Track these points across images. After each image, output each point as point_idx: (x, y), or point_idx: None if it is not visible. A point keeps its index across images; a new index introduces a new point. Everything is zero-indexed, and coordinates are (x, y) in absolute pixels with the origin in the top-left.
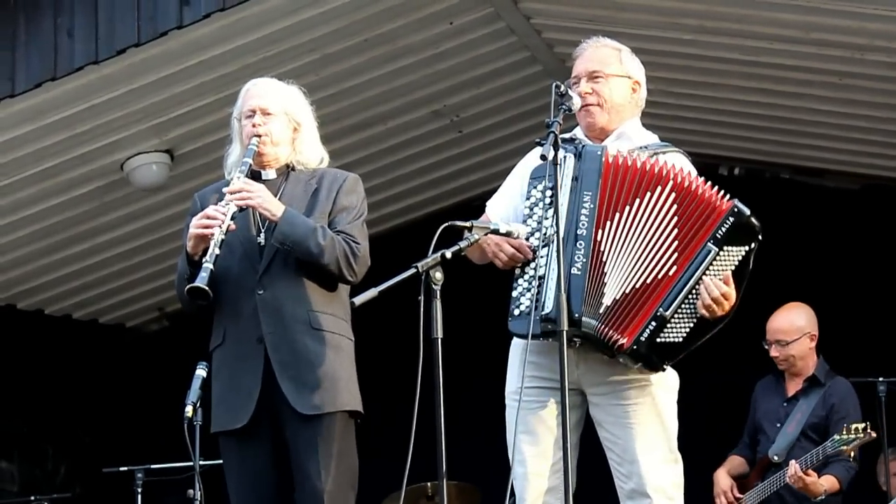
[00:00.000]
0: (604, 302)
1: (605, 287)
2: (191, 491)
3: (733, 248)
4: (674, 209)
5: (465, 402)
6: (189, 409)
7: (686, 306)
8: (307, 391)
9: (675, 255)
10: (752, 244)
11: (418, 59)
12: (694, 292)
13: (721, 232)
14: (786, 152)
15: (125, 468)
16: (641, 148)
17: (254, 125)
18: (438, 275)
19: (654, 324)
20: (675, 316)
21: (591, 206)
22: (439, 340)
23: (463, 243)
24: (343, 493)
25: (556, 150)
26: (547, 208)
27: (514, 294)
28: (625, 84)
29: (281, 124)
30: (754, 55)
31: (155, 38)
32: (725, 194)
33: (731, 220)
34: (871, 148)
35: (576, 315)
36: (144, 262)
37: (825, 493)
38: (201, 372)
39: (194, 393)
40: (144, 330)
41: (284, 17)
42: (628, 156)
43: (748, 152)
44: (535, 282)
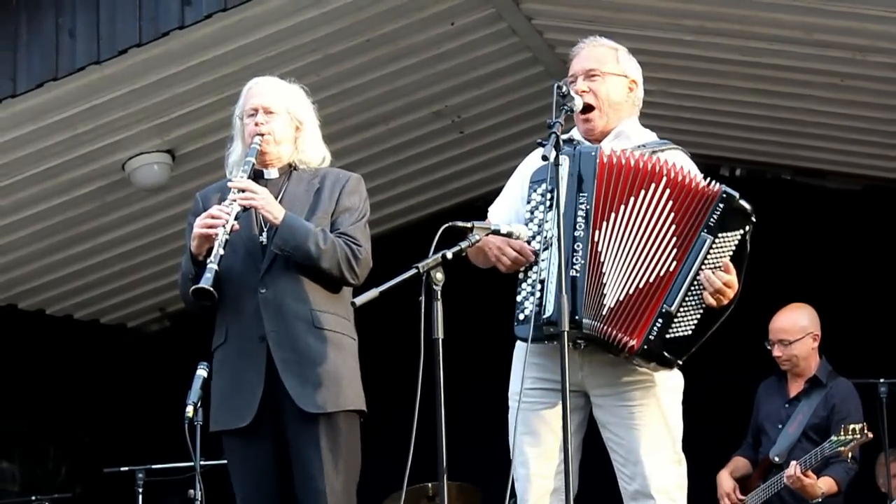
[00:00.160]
0: (605, 304)
1: (605, 288)
2: (191, 491)
3: (728, 234)
4: (669, 205)
5: (465, 403)
6: (190, 410)
7: (690, 299)
8: (311, 389)
9: (674, 250)
10: (747, 227)
11: (420, 59)
12: (696, 284)
13: (713, 219)
14: (787, 153)
15: (126, 468)
16: (639, 146)
17: (256, 124)
18: (439, 275)
19: (660, 321)
20: (681, 310)
21: (588, 207)
22: (440, 341)
23: (464, 244)
24: (346, 491)
25: (558, 150)
26: (547, 211)
27: (518, 299)
28: (622, 83)
29: (283, 123)
30: (755, 56)
31: (156, 39)
32: (714, 182)
33: (722, 205)
34: (873, 149)
35: (577, 317)
36: (146, 262)
37: (823, 495)
38: (202, 372)
39: (195, 393)
40: (145, 330)
41: (286, 17)
42: (622, 155)
43: (749, 153)
44: (538, 285)
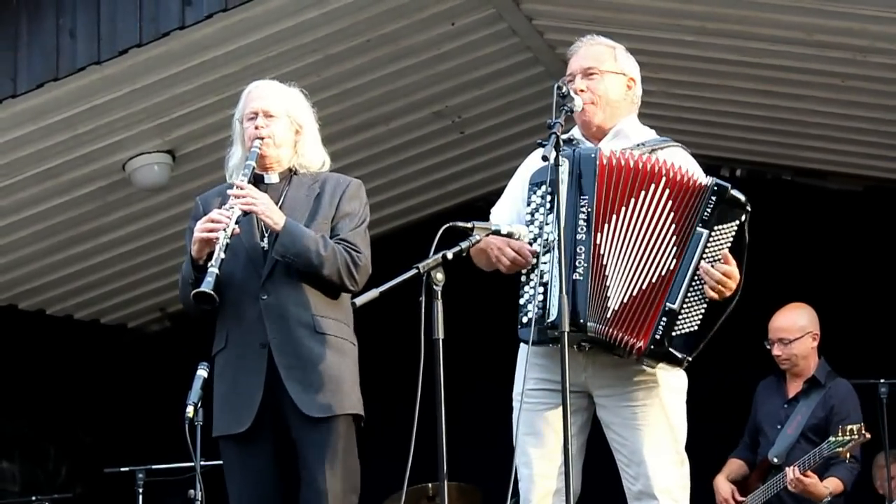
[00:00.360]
0: (610, 306)
1: (608, 291)
2: (192, 491)
3: (724, 226)
4: (669, 204)
5: (466, 403)
6: (190, 410)
7: (692, 294)
8: (313, 394)
9: (673, 248)
10: (743, 217)
11: (420, 59)
12: (696, 279)
13: (707, 213)
14: (788, 154)
15: (126, 468)
16: (639, 145)
17: (256, 127)
18: (440, 276)
19: (665, 319)
20: (685, 306)
21: (589, 209)
22: (440, 341)
23: (465, 244)
24: (347, 495)
25: (558, 151)
26: (547, 213)
27: (521, 302)
28: (620, 81)
29: (283, 126)
30: (756, 56)
31: (157, 39)
32: (708, 176)
33: (714, 198)
34: (874, 149)
35: (581, 320)
36: (146, 262)
37: (830, 494)
38: (202, 372)
39: (195, 393)
40: (146, 330)
41: (287, 17)
42: (621, 156)
43: (750, 154)
44: (540, 288)
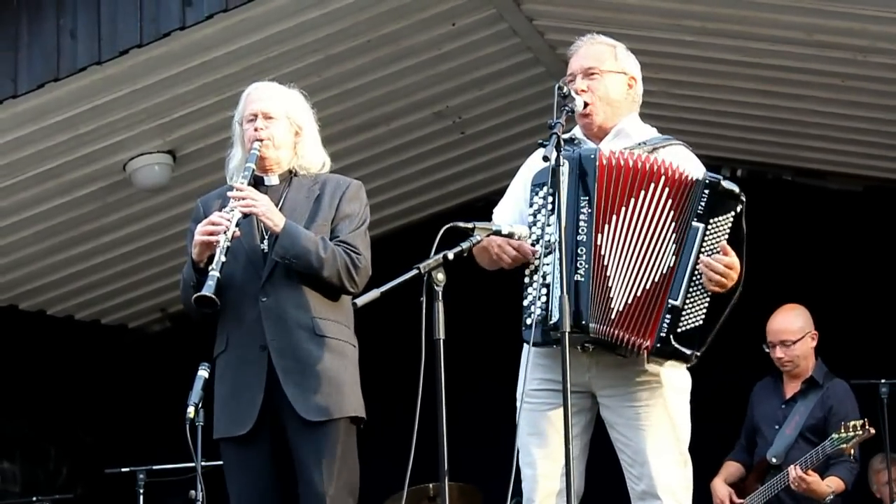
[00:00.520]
0: (614, 307)
1: (611, 292)
2: (193, 492)
3: (720, 218)
4: (669, 203)
5: (467, 404)
6: (191, 410)
7: (694, 289)
8: (312, 397)
9: (673, 246)
10: (738, 207)
11: (421, 60)
12: (697, 273)
13: (701, 206)
14: (788, 154)
15: (127, 469)
16: (640, 144)
17: (256, 129)
18: (440, 276)
19: (669, 316)
20: (687, 302)
21: (589, 210)
22: (441, 342)
23: (465, 244)
24: (344, 498)
25: (559, 151)
26: (549, 215)
27: (525, 303)
28: (620, 80)
29: (283, 128)
30: (756, 57)
31: (157, 39)
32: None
33: (707, 191)
34: (874, 150)
35: (583, 321)
36: (147, 262)
37: (833, 493)
38: (203, 373)
39: (196, 394)
40: (146, 331)
41: (287, 17)
42: (620, 156)
43: (750, 154)
44: (543, 290)
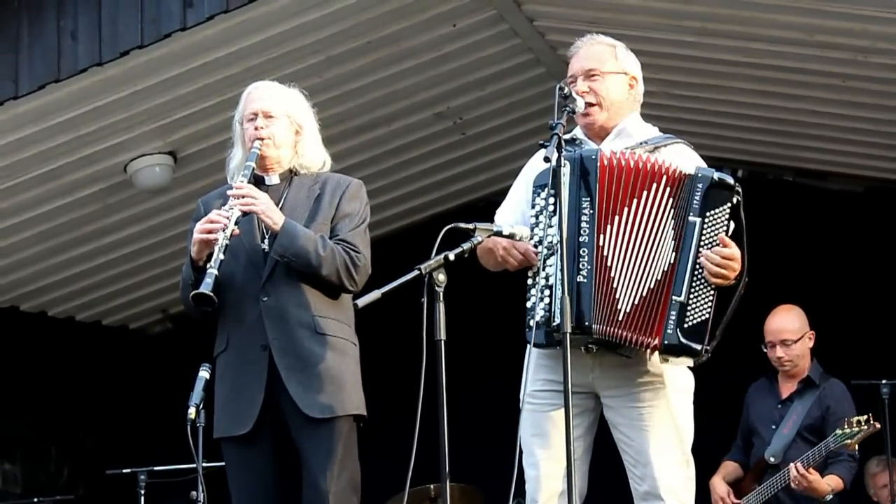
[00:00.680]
0: (620, 308)
1: (616, 293)
2: (194, 493)
3: (716, 211)
4: (670, 202)
5: (468, 404)
6: (192, 411)
7: (697, 283)
8: (315, 395)
9: (673, 242)
10: (734, 199)
11: (422, 61)
12: (698, 268)
13: (697, 201)
14: (789, 154)
15: (128, 470)
16: (641, 143)
17: (256, 128)
18: (441, 277)
19: (674, 313)
20: (692, 296)
21: (591, 211)
22: (442, 342)
23: (466, 245)
24: (348, 496)
25: (560, 152)
26: (550, 216)
27: (528, 305)
28: (622, 80)
29: (283, 127)
30: (757, 57)
31: (158, 40)
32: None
33: (701, 185)
34: (875, 150)
35: (585, 322)
36: (148, 263)
37: (833, 491)
38: (204, 374)
39: (197, 395)
40: (147, 332)
41: (288, 18)
42: (622, 156)
43: (751, 154)
44: (546, 291)
